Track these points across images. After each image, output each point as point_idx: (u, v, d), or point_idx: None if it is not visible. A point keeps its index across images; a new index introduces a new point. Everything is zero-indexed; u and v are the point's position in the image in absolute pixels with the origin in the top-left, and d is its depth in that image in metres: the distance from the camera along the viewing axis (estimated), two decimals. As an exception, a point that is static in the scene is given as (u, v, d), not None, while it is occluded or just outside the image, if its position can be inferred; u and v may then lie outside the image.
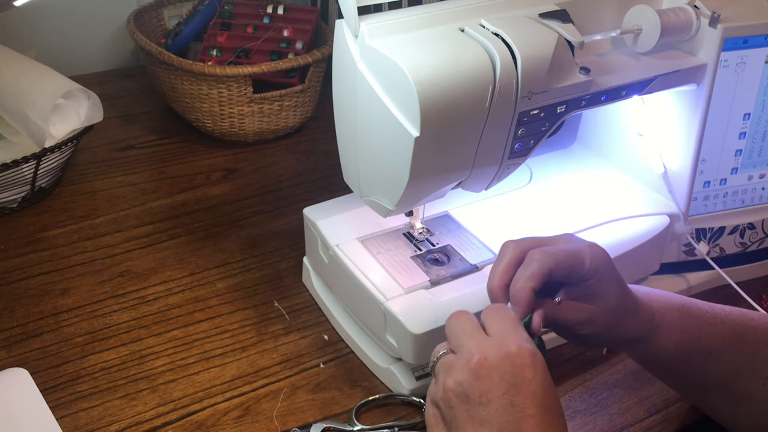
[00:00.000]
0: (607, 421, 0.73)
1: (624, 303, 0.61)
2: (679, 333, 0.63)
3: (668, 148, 0.84)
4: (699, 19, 0.76)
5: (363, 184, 0.73)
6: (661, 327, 0.63)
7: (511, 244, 0.61)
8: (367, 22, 0.63)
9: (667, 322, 0.63)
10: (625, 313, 0.62)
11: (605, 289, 0.60)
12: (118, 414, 0.71)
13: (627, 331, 0.62)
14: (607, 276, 0.60)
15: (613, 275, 0.61)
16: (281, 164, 1.11)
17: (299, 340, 0.81)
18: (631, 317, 0.62)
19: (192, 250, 0.93)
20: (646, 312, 0.63)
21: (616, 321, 0.61)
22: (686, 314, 0.64)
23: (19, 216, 0.97)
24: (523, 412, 0.50)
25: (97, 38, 1.32)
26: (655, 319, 0.63)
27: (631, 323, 0.62)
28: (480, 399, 0.51)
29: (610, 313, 0.61)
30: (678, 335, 0.63)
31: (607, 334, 0.62)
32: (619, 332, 0.62)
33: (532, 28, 0.65)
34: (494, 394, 0.50)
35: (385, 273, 0.75)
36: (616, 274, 0.61)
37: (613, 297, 0.61)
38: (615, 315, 0.61)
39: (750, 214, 0.88)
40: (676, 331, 0.63)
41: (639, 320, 0.63)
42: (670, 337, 0.63)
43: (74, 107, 0.96)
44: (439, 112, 0.61)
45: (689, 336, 0.63)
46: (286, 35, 1.17)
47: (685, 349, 0.63)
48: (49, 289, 0.86)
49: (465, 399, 0.51)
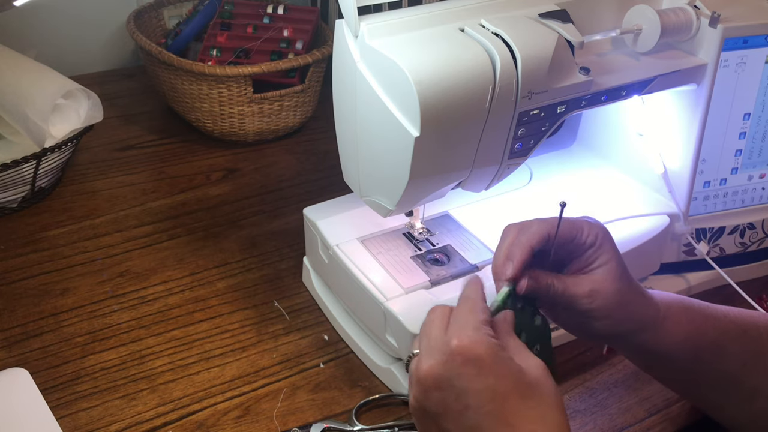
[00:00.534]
0: (607, 421, 0.73)
1: (627, 279, 0.61)
2: (686, 325, 0.62)
3: (668, 148, 0.84)
4: (699, 19, 0.76)
5: (363, 184, 0.73)
6: (669, 318, 0.62)
7: (513, 226, 0.61)
8: (367, 22, 0.63)
9: (673, 314, 0.62)
10: (630, 290, 0.61)
11: (606, 259, 0.60)
12: (118, 414, 0.71)
13: (633, 314, 0.61)
14: (607, 246, 0.60)
15: (613, 248, 0.61)
16: (281, 164, 1.11)
17: (299, 340, 0.81)
18: (638, 298, 0.61)
19: (192, 250, 0.93)
20: (652, 300, 0.63)
21: (620, 298, 0.60)
22: (689, 308, 0.64)
23: (19, 216, 0.97)
24: (479, 411, 0.48)
25: (97, 38, 1.32)
26: (661, 310, 0.62)
27: (637, 305, 0.61)
28: (437, 411, 0.50)
29: (614, 284, 0.60)
30: (686, 327, 0.62)
31: (612, 313, 0.60)
32: (625, 313, 0.61)
33: (532, 28, 0.65)
34: (448, 403, 0.49)
35: (385, 273, 0.75)
36: (616, 248, 0.61)
37: (615, 268, 0.60)
38: (619, 289, 0.60)
39: (750, 214, 0.88)
40: (683, 323, 0.62)
41: (645, 305, 0.62)
42: (679, 328, 0.62)
43: (74, 107, 0.96)
44: (439, 112, 0.61)
45: (696, 328, 0.62)
46: (286, 35, 1.17)
47: (695, 342, 0.62)
48: (49, 289, 0.86)
49: (426, 414, 0.51)
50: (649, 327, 0.62)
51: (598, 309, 0.60)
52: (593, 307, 0.60)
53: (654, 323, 0.62)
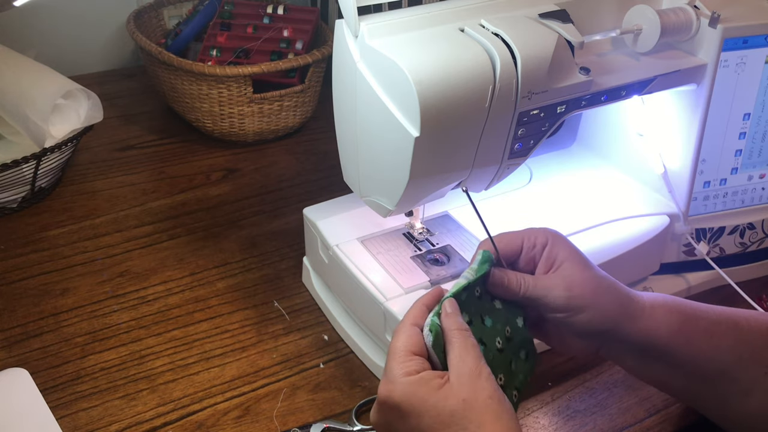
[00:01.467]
0: (607, 421, 0.73)
1: (596, 269, 0.62)
2: (676, 314, 0.62)
3: (668, 148, 0.84)
4: (699, 19, 0.76)
5: (363, 184, 0.73)
6: (656, 307, 0.62)
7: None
8: (367, 22, 0.63)
9: (660, 304, 0.62)
10: (604, 278, 0.62)
11: (566, 254, 0.62)
12: (118, 414, 0.71)
13: (615, 300, 0.61)
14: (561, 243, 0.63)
15: (569, 244, 0.63)
16: (281, 164, 1.11)
17: (299, 340, 0.81)
18: (615, 286, 0.62)
19: (192, 250, 0.93)
20: (631, 291, 0.63)
21: (596, 283, 0.61)
22: (677, 301, 0.64)
23: (19, 216, 0.97)
24: None
25: (97, 38, 1.32)
26: (646, 300, 0.63)
27: (616, 292, 0.62)
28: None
29: (584, 272, 0.61)
30: (676, 316, 0.62)
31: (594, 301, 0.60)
32: (606, 300, 0.61)
33: (532, 28, 0.65)
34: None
35: (385, 273, 0.75)
36: (571, 243, 0.63)
37: (578, 258, 0.62)
38: (591, 276, 0.61)
39: (750, 214, 0.88)
40: (673, 313, 0.62)
41: (625, 292, 0.62)
42: (670, 317, 0.62)
43: (74, 107, 0.96)
44: (439, 112, 0.61)
45: (687, 318, 0.62)
46: (286, 35, 1.17)
47: (687, 334, 0.62)
48: (49, 289, 0.86)
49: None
50: (636, 314, 0.61)
51: (577, 298, 0.60)
52: (572, 295, 0.60)
53: (641, 310, 0.62)
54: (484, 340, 0.59)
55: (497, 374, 0.59)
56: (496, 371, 0.59)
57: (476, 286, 0.61)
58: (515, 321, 0.62)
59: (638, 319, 0.62)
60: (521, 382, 0.61)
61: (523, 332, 0.62)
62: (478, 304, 0.61)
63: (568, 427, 0.72)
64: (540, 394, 0.75)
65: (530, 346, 0.63)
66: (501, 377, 0.59)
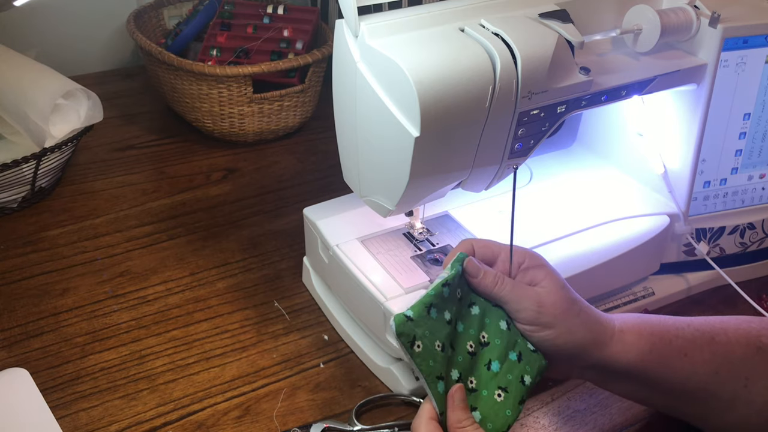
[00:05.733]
0: (607, 420, 0.73)
1: (572, 295, 0.63)
2: (648, 336, 0.62)
3: (668, 148, 0.84)
4: (699, 19, 0.76)
5: (363, 184, 0.73)
6: (627, 331, 0.63)
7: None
8: (367, 22, 0.63)
9: (631, 326, 0.63)
10: (578, 301, 0.63)
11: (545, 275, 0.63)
12: (118, 414, 0.72)
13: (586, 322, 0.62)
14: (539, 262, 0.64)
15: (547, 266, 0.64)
16: (281, 164, 1.11)
17: (299, 340, 0.81)
18: (588, 309, 0.63)
19: (192, 250, 0.93)
20: (603, 315, 0.64)
21: (569, 305, 0.62)
22: (648, 320, 0.64)
23: (19, 216, 0.97)
24: None
25: (97, 38, 1.32)
26: (617, 323, 0.63)
27: (588, 315, 0.62)
28: None
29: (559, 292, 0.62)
30: (647, 338, 0.62)
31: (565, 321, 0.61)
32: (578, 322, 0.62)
33: (532, 28, 0.65)
34: None
35: (385, 273, 0.75)
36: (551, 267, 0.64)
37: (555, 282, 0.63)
38: (565, 297, 0.62)
39: (750, 214, 0.88)
40: (644, 334, 0.63)
41: (596, 315, 0.63)
42: (640, 340, 0.62)
43: (74, 107, 0.96)
44: (439, 112, 0.61)
45: (659, 338, 0.63)
46: (286, 35, 1.17)
47: (660, 353, 0.62)
48: (49, 289, 0.86)
49: None
50: (607, 338, 0.62)
51: (547, 315, 0.61)
52: (542, 311, 0.61)
53: (611, 334, 0.63)
54: (453, 344, 0.61)
55: (467, 377, 0.61)
56: (466, 375, 0.61)
57: (458, 288, 0.62)
58: (498, 324, 0.63)
59: (606, 345, 0.62)
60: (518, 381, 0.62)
61: (510, 335, 0.63)
62: (458, 306, 0.63)
63: (568, 427, 0.72)
64: (540, 394, 0.75)
65: (523, 347, 0.63)
66: (471, 380, 0.61)
